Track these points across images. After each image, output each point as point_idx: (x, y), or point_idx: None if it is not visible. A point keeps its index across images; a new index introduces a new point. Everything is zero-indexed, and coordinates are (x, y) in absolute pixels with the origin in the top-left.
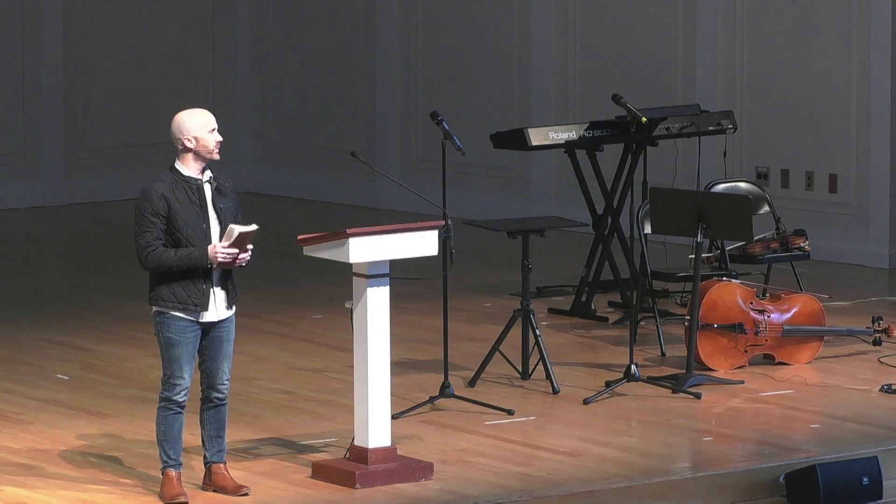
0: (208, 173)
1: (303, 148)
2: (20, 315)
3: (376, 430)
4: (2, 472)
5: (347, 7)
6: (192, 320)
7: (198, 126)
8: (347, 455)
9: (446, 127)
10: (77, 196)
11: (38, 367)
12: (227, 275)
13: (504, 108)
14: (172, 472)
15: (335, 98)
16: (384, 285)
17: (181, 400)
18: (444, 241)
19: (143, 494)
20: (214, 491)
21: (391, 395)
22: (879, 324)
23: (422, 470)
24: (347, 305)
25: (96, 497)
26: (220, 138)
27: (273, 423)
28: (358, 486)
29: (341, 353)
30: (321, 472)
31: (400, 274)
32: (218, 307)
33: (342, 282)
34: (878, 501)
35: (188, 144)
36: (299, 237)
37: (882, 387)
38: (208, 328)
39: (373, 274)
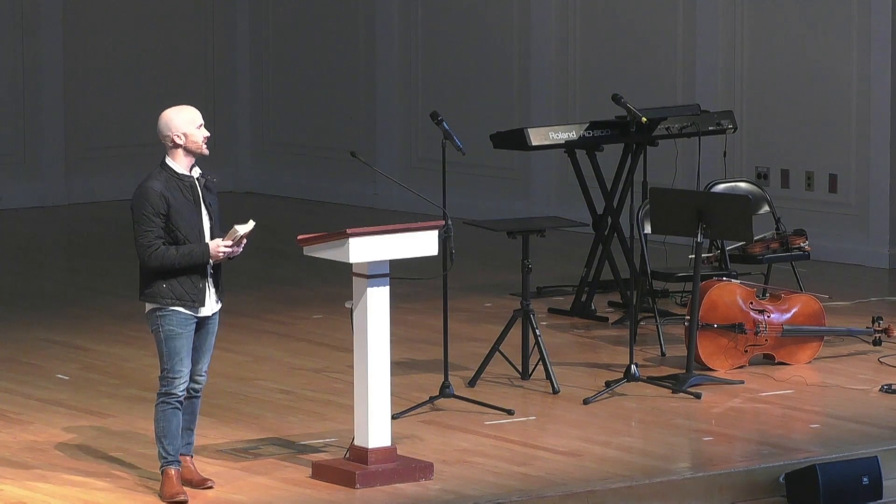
0: (197, 170)
1: (303, 148)
2: (20, 315)
3: (376, 430)
4: (2, 472)
5: (347, 7)
6: (190, 314)
7: (186, 122)
8: (347, 455)
9: (446, 127)
10: (77, 196)
11: (38, 367)
12: (218, 270)
13: (504, 108)
14: (172, 471)
15: (335, 98)
16: (384, 285)
17: (181, 393)
18: (444, 241)
19: (143, 494)
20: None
21: (391, 395)
22: (879, 324)
23: (422, 470)
24: (347, 305)
25: (96, 497)
26: (208, 133)
27: (273, 423)
28: (358, 486)
29: (341, 353)
30: (321, 472)
31: (400, 274)
32: (211, 301)
33: (342, 282)
34: (878, 501)
35: (178, 141)
36: (299, 237)
37: (882, 387)
38: (202, 322)
39: (373, 274)
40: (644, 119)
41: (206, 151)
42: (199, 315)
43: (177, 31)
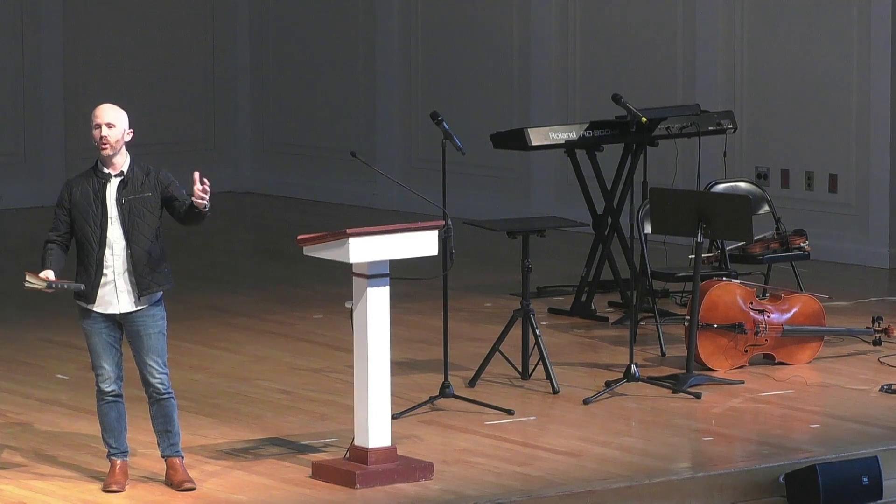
0: (125, 167)
1: (303, 148)
2: (20, 315)
3: (376, 430)
4: (2, 472)
5: (347, 7)
6: (95, 311)
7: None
8: (347, 455)
9: (446, 127)
10: None
11: (38, 367)
12: (135, 269)
13: (504, 108)
14: (116, 461)
15: (335, 98)
16: (384, 285)
17: (107, 389)
18: (444, 241)
19: (143, 493)
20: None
21: (391, 395)
22: (879, 324)
23: (422, 470)
24: (347, 305)
25: (96, 497)
26: (105, 133)
27: (273, 423)
28: (358, 486)
29: (341, 353)
30: (321, 472)
31: (400, 274)
32: (120, 301)
33: (342, 282)
34: (878, 501)
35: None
36: (299, 237)
37: (882, 387)
38: (121, 321)
39: (373, 274)
40: (644, 119)
41: (103, 151)
42: (102, 312)
43: (177, 31)
